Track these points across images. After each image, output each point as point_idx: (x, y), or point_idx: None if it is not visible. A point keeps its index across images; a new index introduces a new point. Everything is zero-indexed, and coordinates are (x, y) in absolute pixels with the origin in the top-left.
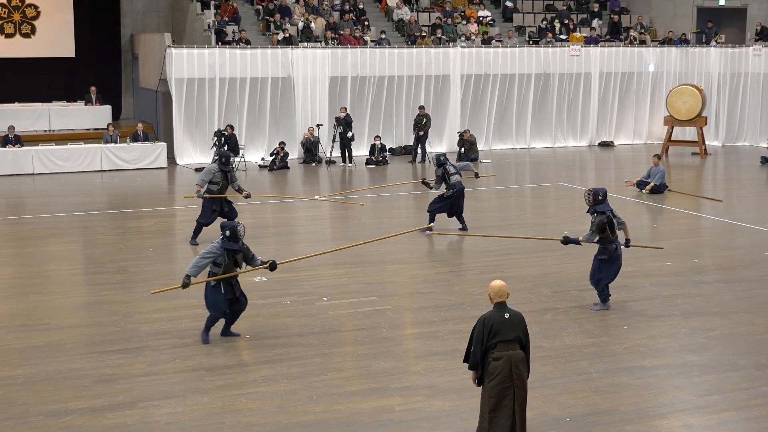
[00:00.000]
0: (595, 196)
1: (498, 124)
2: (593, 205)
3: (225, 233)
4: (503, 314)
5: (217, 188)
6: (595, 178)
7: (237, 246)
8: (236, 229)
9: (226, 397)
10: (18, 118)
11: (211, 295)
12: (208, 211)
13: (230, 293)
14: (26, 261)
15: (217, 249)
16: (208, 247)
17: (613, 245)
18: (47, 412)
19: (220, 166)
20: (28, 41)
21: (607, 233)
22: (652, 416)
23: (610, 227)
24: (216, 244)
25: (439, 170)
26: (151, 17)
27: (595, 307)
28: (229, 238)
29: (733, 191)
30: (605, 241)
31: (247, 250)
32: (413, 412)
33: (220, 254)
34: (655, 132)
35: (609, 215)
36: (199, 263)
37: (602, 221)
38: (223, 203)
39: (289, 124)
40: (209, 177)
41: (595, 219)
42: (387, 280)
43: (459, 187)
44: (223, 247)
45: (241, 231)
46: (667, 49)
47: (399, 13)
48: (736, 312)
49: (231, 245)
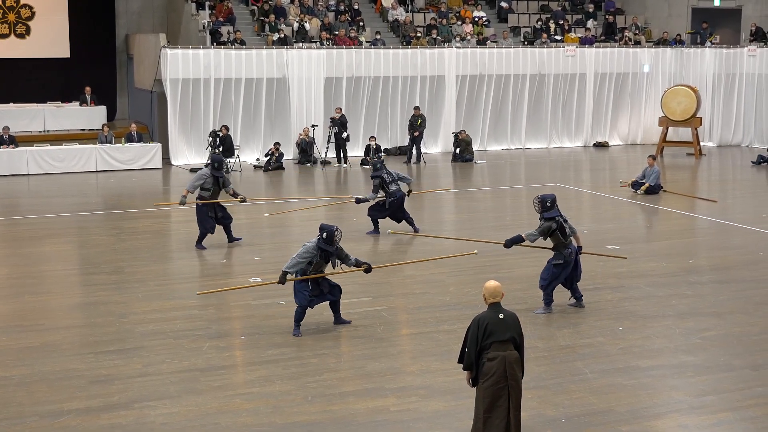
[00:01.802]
0: (543, 203)
1: (493, 125)
2: (541, 211)
3: (322, 235)
4: (498, 315)
5: (208, 194)
6: (589, 179)
7: (331, 249)
8: (334, 233)
9: (221, 398)
10: (13, 119)
11: (299, 289)
12: (204, 217)
13: (316, 290)
14: (21, 261)
15: (313, 249)
16: (305, 247)
17: (567, 250)
18: (42, 413)
19: (212, 171)
20: (23, 42)
21: (559, 238)
22: (647, 417)
23: (561, 232)
24: (312, 245)
25: (376, 180)
26: (146, 18)
27: (539, 311)
28: (326, 241)
29: (728, 192)
30: (560, 246)
31: (340, 251)
32: (408, 413)
33: (316, 254)
34: (650, 132)
35: (560, 221)
36: (297, 263)
37: (550, 227)
38: (217, 208)
39: (284, 125)
40: (200, 182)
41: (543, 225)
42: (382, 281)
43: (399, 195)
44: (319, 247)
45: (338, 236)
46: (662, 50)
47: (394, 13)
48: (731, 312)
49: (326, 247)
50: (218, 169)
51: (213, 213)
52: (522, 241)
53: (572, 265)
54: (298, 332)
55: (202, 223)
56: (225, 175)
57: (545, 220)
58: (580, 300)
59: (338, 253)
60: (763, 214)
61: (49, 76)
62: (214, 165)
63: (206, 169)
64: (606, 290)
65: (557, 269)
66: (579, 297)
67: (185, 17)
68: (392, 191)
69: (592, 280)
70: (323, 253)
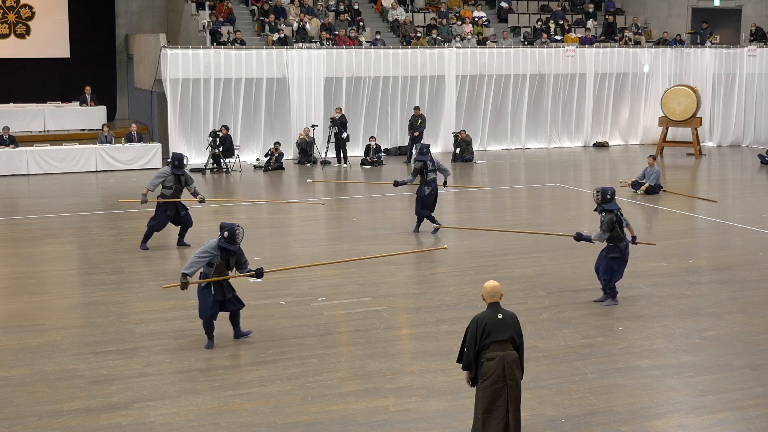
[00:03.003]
0: (603, 195)
1: (493, 125)
2: (601, 203)
3: (223, 234)
4: (497, 315)
5: (170, 192)
6: (590, 179)
7: (233, 248)
8: (235, 231)
9: (221, 398)
10: (13, 119)
11: (201, 297)
12: (162, 215)
13: (219, 295)
14: (21, 261)
15: (213, 249)
16: (204, 247)
17: (623, 243)
18: (42, 413)
19: (172, 169)
20: (23, 42)
21: (617, 231)
22: (647, 417)
23: (619, 225)
24: (213, 244)
25: (419, 164)
26: (146, 18)
27: (605, 303)
28: (227, 240)
29: (728, 192)
30: (615, 239)
31: (241, 254)
32: (408, 413)
33: (216, 254)
34: (649, 132)
35: (617, 213)
36: (195, 262)
37: (611, 219)
38: (179, 207)
39: (284, 125)
40: (160, 180)
41: (605, 217)
42: (382, 281)
43: (435, 184)
44: (219, 247)
45: (240, 234)
46: (661, 50)
47: (394, 13)
48: (731, 312)
49: (228, 246)
50: (179, 167)
51: (174, 212)
52: (591, 241)
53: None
54: (211, 344)
55: (157, 221)
56: (186, 173)
57: (606, 212)
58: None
59: (239, 254)
60: (763, 214)
61: (49, 76)
62: (175, 163)
63: (166, 167)
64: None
65: (615, 263)
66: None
67: (185, 17)
68: (430, 179)
69: (592, 280)
70: (224, 252)
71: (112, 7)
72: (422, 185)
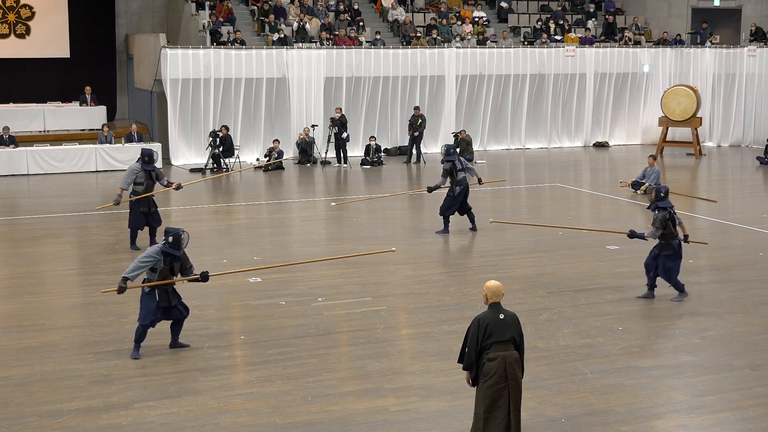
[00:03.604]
0: (657, 193)
1: (493, 125)
2: (655, 201)
3: (168, 239)
4: (498, 315)
5: (142, 189)
6: (590, 179)
7: (178, 253)
8: (180, 236)
9: (221, 398)
10: (12, 119)
11: (144, 302)
12: (137, 214)
13: (165, 301)
14: (21, 261)
15: (156, 254)
16: (147, 251)
17: (676, 241)
18: (42, 413)
19: (143, 165)
20: (23, 42)
21: (669, 229)
22: (647, 417)
23: (672, 223)
24: (156, 249)
25: (448, 164)
26: (146, 18)
27: (675, 299)
28: (172, 245)
29: (728, 192)
30: (668, 237)
31: (186, 260)
32: (408, 413)
33: (159, 259)
34: (649, 132)
35: (670, 211)
36: (138, 267)
37: (665, 217)
38: (151, 204)
39: (284, 125)
40: (132, 178)
41: (658, 215)
42: (382, 281)
43: (465, 183)
44: (163, 252)
45: (185, 239)
46: (662, 50)
47: (394, 13)
48: (731, 312)
49: (172, 251)
50: (149, 163)
51: (147, 208)
52: (644, 238)
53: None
54: (137, 354)
55: (134, 220)
56: (157, 167)
57: (659, 210)
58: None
59: (184, 260)
60: (763, 214)
61: (49, 76)
62: (145, 159)
63: (137, 164)
64: (606, 290)
65: (669, 261)
66: (653, 287)
67: (185, 17)
68: (459, 179)
69: (592, 280)
70: (168, 258)
71: (112, 7)
72: (453, 185)
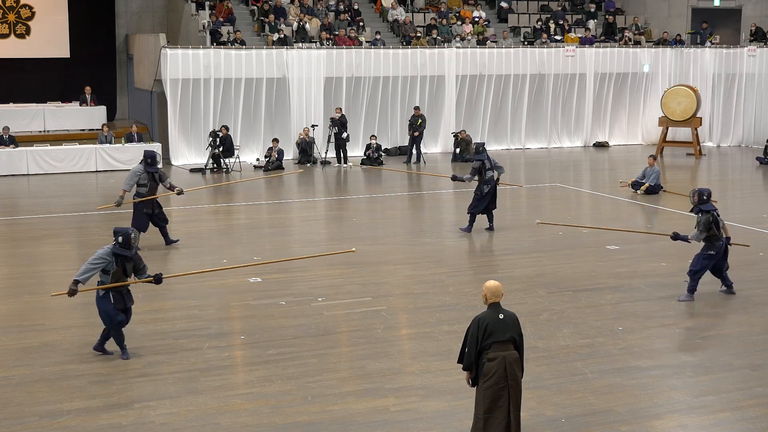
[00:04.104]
0: (700, 196)
1: (493, 125)
2: (698, 204)
3: (117, 239)
4: (498, 315)
5: (145, 190)
6: (590, 179)
7: (129, 253)
8: (130, 236)
9: (221, 398)
10: (13, 119)
11: (101, 306)
12: (140, 215)
13: (120, 303)
14: (21, 261)
15: (107, 255)
16: (98, 253)
17: (720, 242)
18: (42, 413)
19: (145, 167)
20: (23, 42)
21: (713, 231)
22: (647, 417)
23: (715, 225)
24: (107, 250)
25: (477, 163)
26: (146, 18)
27: (682, 298)
28: (122, 245)
29: (728, 192)
30: (712, 239)
31: (138, 260)
32: (408, 413)
33: (110, 261)
34: (649, 132)
35: (714, 214)
36: (89, 269)
37: (708, 220)
38: (154, 205)
39: (284, 125)
40: (135, 179)
41: (702, 218)
42: (382, 281)
43: (493, 183)
44: (114, 253)
45: (135, 238)
46: (661, 50)
47: (394, 13)
48: (731, 312)
49: (123, 252)
50: (152, 165)
51: (150, 209)
52: (688, 241)
53: (721, 256)
54: (127, 355)
55: (137, 222)
56: (160, 169)
57: (702, 213)
58: (731, 287)
59: (136, 260)
60: (763, 214)
61: (49, 76)
62: (147, 161)
63: (139, 165)
64: (606, 290)
65: (707, 260)
66: (729, 285)
67: (185, 17)
68: (488, 178)
69: (592, 280)
70: (119, 259)
71: (112, 7)
72: (481, 184)
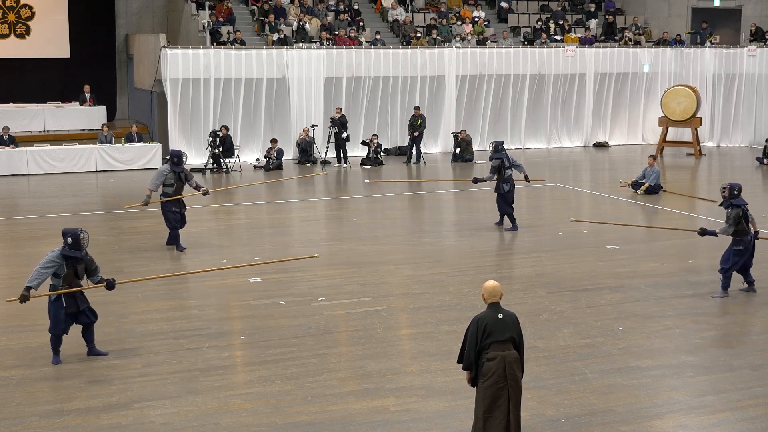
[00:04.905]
0: (731, 191)
1: (493, 125)
2: (729, 198)
3: (67, 240)
4: (497, 315)
5: (172, 190)
6: (590, 179)
7: (79, 254)
8: (79, 236)
9: (221, 398)
10: (12, 119)
11: (52, 310)
12: (169, 214)
13: (73, 306)
14: (21, 261)
15: (57, 258)
16: (47, 256)
17: (748, 237)
18: (42, 413)
19: (171, 167)
20: (23, 42)
21: (742, 225)
22: (647, 417)
23: (745, 220)
24: (56, 253)
25: (497, 161)
26: (146, 18)
27: (716, 295)
28: (72, 246)
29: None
30: (741, 233)
31: (90, 261)
32: (408, 413)
33: (61, 264)
34: (649, 132)
35: (744, 208)
36: (40, 274)
37: (738, 214)
38: (181, 205)
39: (284, 125)
40: (161, 179)
41: (732, 212)
42: (382, 281)
43: (512, 181)
44: (63, 255)
45: (85, 239)
46: (661, 50)
47: (394, 13)
48: (731, 312)
49: (73, 253)
50: (178, 164)
51: (178, 208)
52: (716, 235)
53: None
54: (58, 360)
55: (169, 220)
56: (186, 169)
57: (733, 208)
58: (752, 285)
59: (87, 261)
60: (763, 214)
61: (49, 76)
62: (174, 160)
63: (166, 165)
64: (606, 290)
65: (737, 255)
66: (751, 282)
67: (185, 17)
68: (507, 176)
69: (592, 280)
70: (70, 261)
71: (112, 7)
72: (500, 182)
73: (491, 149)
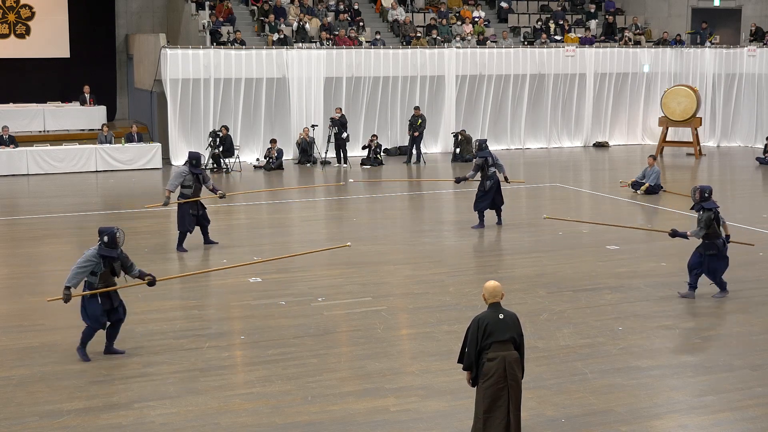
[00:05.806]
0: (701, 193)
1: (493, 125)
2: (700, 201)
3: (103, 239)
4: (498, 315)
5: (190, 192)
6: (590, 179)
7: (115, 253)
8: (115, 234)
9: (221, 398)
10: (12, 119)
11: (89, 306)
12: (186, 216)
13: (108, 303)
14: (21, 262)
15: (94, 257)
16: (85, 255)
17: (720, 240)
18: (42, 413)
19: (190, 168)
20: (23, 42)
21: (714, 228)
22: (647, 417)
23: (716, 223)
24: (93, 252)
25: (480, 160)
26: (146, 18)
27: (717, 296)
28: (108, 245)
29: (727, 192)
30: (712, 237)
31: (125, 258)
32: (408, 413)
33: (98, 262)
34: (649, 132)
35: (715, 211)
36: (77, 274)
37: (710, 217)
38: (199, 206)
39: (284, 125)
40: (180, 180)
41: (703, 215)
42: (382, 281)
43: (495, 178)
44: (100, 254)
45: (121, 237)
46: (661, 50)
47: (394, 13)
48: (731, 312)
49: (109, 252)
50: (196, 166)
51: (195, 211)
52: (686, 237)
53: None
54: (86, 356)
55: (182, 222)
56: (204, 171)
57: (704, 211)
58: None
59: (123, 258)
60: (763, 214)
61: (49, 76)
62: (192, 162)
63: (184, 167)
64: (606, 290)
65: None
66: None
67: (185, 17)
68: (490, 174)
69: (592, 280)
70: (106, 260)
71: (112, 7)
72: (484, 180)
73: (475, 147)
